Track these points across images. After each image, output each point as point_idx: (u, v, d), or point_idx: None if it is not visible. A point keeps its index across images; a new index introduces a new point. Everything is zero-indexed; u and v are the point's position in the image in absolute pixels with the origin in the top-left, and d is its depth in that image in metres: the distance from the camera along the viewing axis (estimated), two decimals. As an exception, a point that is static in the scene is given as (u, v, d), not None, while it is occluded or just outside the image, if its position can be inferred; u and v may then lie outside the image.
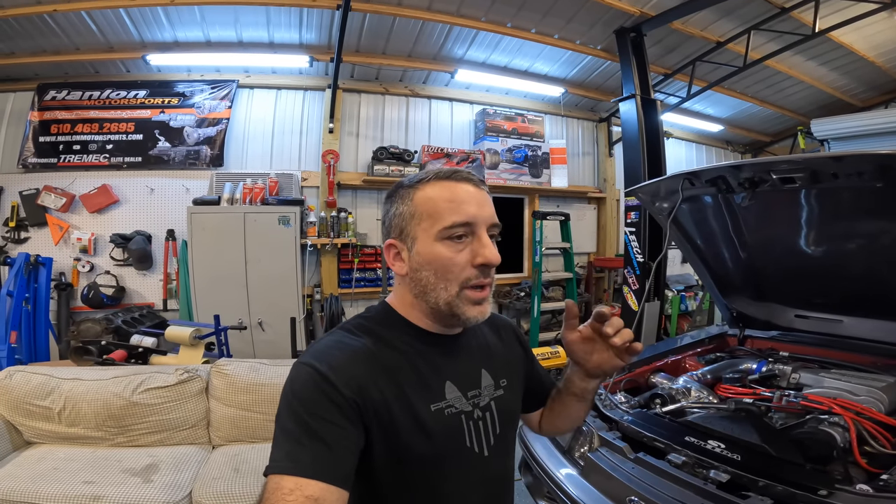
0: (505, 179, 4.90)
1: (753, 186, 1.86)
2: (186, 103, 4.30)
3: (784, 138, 6.94)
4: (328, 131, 4.49)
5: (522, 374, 0.95)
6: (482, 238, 0.72)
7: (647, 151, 4.10)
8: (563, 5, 3.87)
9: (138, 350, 3.05)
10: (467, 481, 0.77)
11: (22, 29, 3.61)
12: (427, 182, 0.75)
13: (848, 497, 1.25)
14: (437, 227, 0.72)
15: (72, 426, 2.47)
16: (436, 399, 0.74)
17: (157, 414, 2.51)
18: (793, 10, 3.75)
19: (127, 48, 4.00)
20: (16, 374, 2.55)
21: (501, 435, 0.82)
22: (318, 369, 0.66)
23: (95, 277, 4.10)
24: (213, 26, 3.91)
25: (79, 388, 2.50)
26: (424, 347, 0.77)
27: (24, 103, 4.17)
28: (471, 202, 0.72)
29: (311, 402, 0.64)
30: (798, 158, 1.73)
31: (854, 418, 1.62)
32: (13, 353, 3.48)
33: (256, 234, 3.85)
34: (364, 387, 0.67)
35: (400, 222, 0.76)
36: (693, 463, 1.55)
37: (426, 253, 0.73)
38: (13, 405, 2.48)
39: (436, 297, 0.73)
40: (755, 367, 2.28)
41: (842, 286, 2.17)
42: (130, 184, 4.20)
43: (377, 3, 3.73)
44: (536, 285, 4.73)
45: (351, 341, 0.73)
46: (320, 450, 0.61)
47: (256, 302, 3.87)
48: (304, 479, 0.58)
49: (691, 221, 2.46)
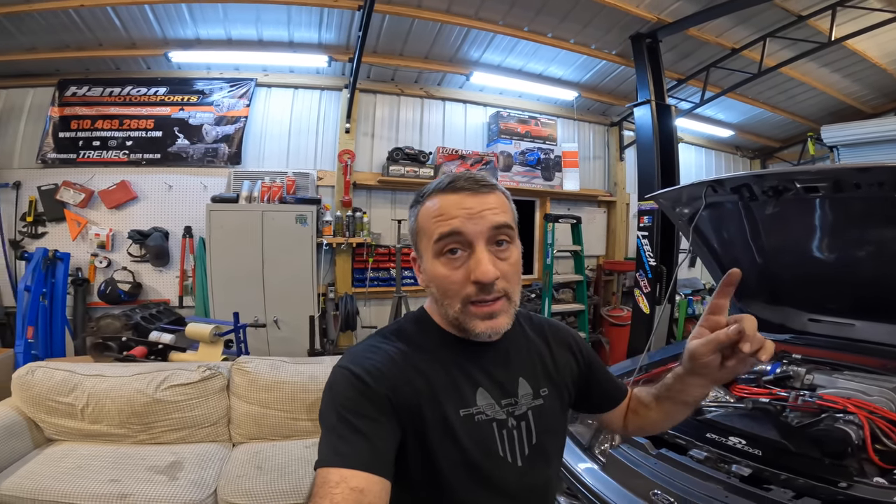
0: (518, 182, 4.93)
1: (777, 195, 1.90)
2: (205, 101, 4.34)
3: (793, 144, 6.95)
4: (345, 131, 4.53)
5: (573, 382, 0.92)
6: (477, 252, 0.70)
7: (661, 156, 4.12)
8: (580, 10, 3.90)
9: (158, 347, 3.06)
10: (498, 490, 0.76)
11: (46, 23, 3.62)
12: (429, 196, 0.75)
13: (866, 489, 1.31)
14: (430, 243, 0.72)
15: (95, 423, 2.46)
16: (466, 405, 0.74)
17: (180, 411, 2.52)
18: (809, 19, 3.78)
19: (149, 45, 4.03)
20: (37, 370, 2.55)
21: (538, 445, 0.80)
22: (353, 371, 0.69)
23: (112, 273, 4.12)
24: (235, 24, 3.94)
25: (102, 384, 2.50)
26: (458, 354, 0.77)
27: (44, 99, 4.19)
28: (459, 212, 0.70)
29: (349, 399, 0.67)
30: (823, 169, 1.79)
31: (868, 416, 1.66)
32: (30, 349, 3.47)
33: (274, 233, 3.89)
34: (397, 386, 0.69)
35: (412, 237, 0.78)
36: (715, 458, 1.59)
37: (428, 270, 0.74)
38: (35, 402, 2.47)
39: (446, 311, 0.73)
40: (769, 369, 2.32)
41: (854, 291, 2.21)
42: (149, 180, 4.24)
43: (398, 5, 3.77)
44: (548, 287, 4.77)
45: (385, 346, 0.75)
46: (361, 443, 0.63)
47: (272, 300, 3.90)
48: (348, 470, 0.60)
49: (710, 227, 2.50)
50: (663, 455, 1.65)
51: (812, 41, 3.93)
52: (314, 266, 4.02)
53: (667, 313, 4.19)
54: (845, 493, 1.29)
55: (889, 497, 1.25)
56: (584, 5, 3.81)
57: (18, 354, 3.39)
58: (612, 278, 5.89)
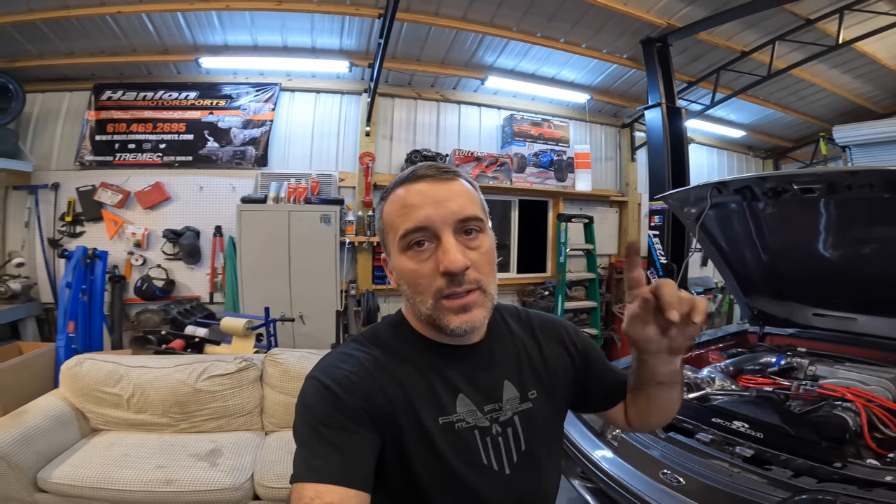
0: (531, 183, 5.06)
1: (776, 196, 2.03)
2: (233, 105, 4.52)
3: (806, 144, 6.98)
4: (365, 134, 4.70)
5: (569, 381, 0.86)
6: (444, 242, 0.67)
7: (671, 158, 4.24)
8: (592, 17, 4.02)
9: (194, 340, 3.23)
10: (484, 499, 0.72)
11: (83, 29, 3.79)
12: (393, 189, 0.72)
13: (860, 469, 1.41)
14: (396, 238, 0.69)
15: (139, 413, 2.59)
16: (445, 413, 0.71)
17: (218, 401, 2.64)
18: (817, 22, 3.86)
19: (181, 50, 4.20)
20: (85, 361, 2.66)
21: (528, 451, 0.76)
22: (324, 382, 0.66)
23: (148, 271, 4.32)
24: (262, 31, 4.11)
25: (146, 375, 2.62)
26: (436, 359, 0.73)
27: (80, 103, 4.38)
28: (423, 203, 0.68)
29: (321, 412, 0.64)
30: (817, 172, 1.91)
31: (865, 404, 1.78)
32: (70, 343, 3.60)
33: (300, 232, 4.05)
34: (370, 395, 0.67)
35: (380, 235, 0.75)
36: (720, 441, 1.70)
37: (397, 267, 0.70)
38: (83, 393, 2.58)
39: (418, 310, 0.70)
40: (774, 361, 2.45)
41: (857, 287, 2.31)
42: (181, 182, 4.43)
43: (416, 13, 3.92)
44: (561, 285, 4.90)
45: (358, 353, 0.72)
46: (335, 456, 0.61)
47: (298, 296, 4.06)
48: (322, 485, 0.59)
49: (717, 226, 2.61)
50: (671, 438, 1.77)
51: (820, 44, 4.01)
52: (337, 264, 4.18)
53: (677, 310, 4.29)
54: (840, 473, 1.39)
55: (881, 477, 1.35)
56: (595, 12, 3.93)
57: (60, 348, 3.53)
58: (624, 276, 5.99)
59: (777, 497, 1.35)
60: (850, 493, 1.28)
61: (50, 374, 3.37)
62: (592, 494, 1.99)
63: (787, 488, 1.37)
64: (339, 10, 3.83)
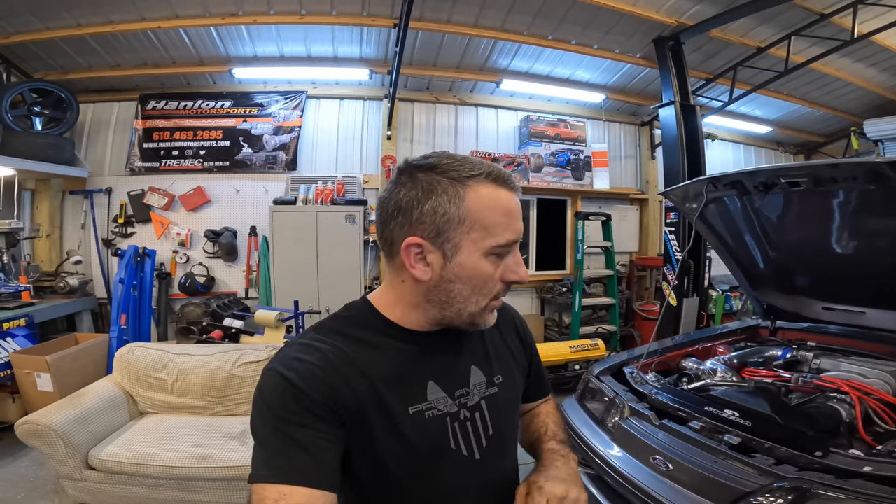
0: (548, 182, 5.17)
1: (767, 190, 2.09)
2: (264, 113, 4.83)
3: (838, 139, 6.79)
4: (386, 138, 4.93)
5: (522, 366, 0.90)
6: (516, 254, 0.70)
7: (686, 155, 4.27)
8: (601, 18, 4.10)
9: (231, 331, 3.54)
10: (457, 486, 0.73)
11: (127, 43, 4.13)
12: (480, 181, 0.66)
13: (839, 458, 1.42)
14: (489, 241, 0.66)
15: (181, 396, 2.81)
16: (415, 401, 0.70)
17: (250, 386, 2.82)
18: (832, 17, 3.82)
19: (216, 62, 4.53)
20: (136, 349, 2.92)
21: (496, 436, 0.77)
22: (285, 375, 0.63)
23: (191, 268, 4.67)
24: (287, 42, 4.38)
25: (188, 362, 2.86)
26: (406, 346, 0.72)
27: (128, 112, 4.77)
28: (519, 217, 0.69)
29: (282, 408, 0.61)
30: (802, 165, 1.95)
31: (860, 396, 1.80)
32: (122, 335, 3.85)
33: (327, 231, 4.30)
34: (335, 388, 0.64)
35: (440, 222, 0.65)
36: (710, 428, 1.73)
37: (470, 266, 0.66)
38: (134, 377, 2.83)
39: (460, 310, 0.69)
40: (780, 354, 2.46)
41: (865, 281, 2.29)
42: (219, 185, 4.77)
43: (429, 21, 4.10)
44: (578, 282, 4.99)
45: (321, 344, 0.68)
46: (299, 455, 0.59)
47: (325, 291, 4.31)
48: (286, 486, 0.57)
49: (720, 221, 2.62)
50: (665, 425, 1.82)
51: (837, 39, 3.96)
52: (361, 261, 4.42)
53: (695, 305, 4.31)
54: (821, 462, 1.41)
55: (859, 467, 1.37)
56: (604, 13, 4.01)
57: (112, 339, 3.79)
58: (645, 274, 6.01)
59: (757, 483, 1.39)
60: (827, 482, 1.32)
61: (103, 362, 3.67)
62: (592, 481, 2.07)
63: (767, 475, 1.40)
64: (356, 21, 4.06)
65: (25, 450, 2.94)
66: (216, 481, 2.33)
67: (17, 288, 3.70)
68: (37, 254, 4.55)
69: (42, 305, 3.77)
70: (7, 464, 2.87)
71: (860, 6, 3.60)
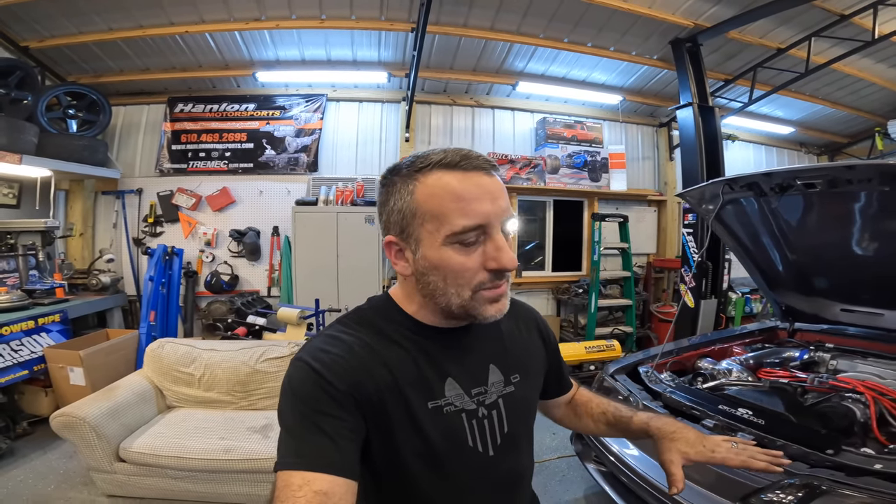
0: (565, 183, 5.19)
1: (783, 191, 2.10)
2: (286, 115, 4.96)
3: (862, 140, 6.66)
4: (404, 140, 5.01)
5: (542, 367, 0.91)
6: (496, 240, 0.66)
7: (705, 157, 4.25)
8: (617, 20, 4.11)
9: (255, 327, 3.66)
10: (471, 482, 0.74)
11: (156, 47, 4.28)
12: (429, 170, 0.66)
13: (850, 456, 1.46)
14: (443, 231, 0.65)
15: (208, 391, 2.90)
16: (434, 397, 0.71)
17: (273, 381, 2.92)
18: (852, 18, 3.78)
19: (240, 65, 4.67)
20: (166, 344, 3.01)
21: (510, 434, 0.78)
22: (313, 366, 0.65)
23: (216, 267, 4.82)
24: (308, 46, 4.49)
25: (215, 357, 2.94)
26: (426, 342, 0.73)
27: (157, 115, 4.93)
28: (483, 198, 0.65)
29: (309, 397, 0.64)
30: (818, 167, 1.97)
31: (875, 397, 1.81)
32: (151, 331, 3.97)
33: (346, 231, 4.40)
34: (359, 381, 0.66)
35: (399, 220, 0.68)
36: (723, 426, 1.77)
37: (433, 258, 0.66)
38: (163, 372, 2.92)
39: (447, 301, 0.68)
40: (798, 355, 2.45)
41: (883, 282, 2.29)
42: (244, 186, 4.91)
43: (446, 25, 4.17)
44: (594, 283, 5.00)
45: (346, 336, 0.71)
46: (324, 443, 0.61)
47: (344, 290, 4.41)
48: (310, 473, 0.59)
49: (738, 222, 2.64)
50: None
51: (858, 39, 3.91)
52: (380, 261, 4.51)
53: (713, 307, 4.30)
54: (832, 460, 1.45)
55: (870, 465, 1.40)
56: (620, 16, 4.03)
57: (142, 335, 3.90)
58: (663, 275, 5.98)
59: (768, 480, 1.42)
60: (838, 479, 1.34)
61: (132, 357, 3.79)
62: (604, 478, 2.11)
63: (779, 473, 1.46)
64: (375, 25, 4.16)
65: (56, 442, 3.02)
66: (239, 473, 2.40)
67: (51, 285, 3.84)
68: (70, 252, 4.73)
69: (75, 302, 3.89)
70: (38, 456, 2.95)
71: (881, 7, 3.56)
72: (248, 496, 2.45)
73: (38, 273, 3.93)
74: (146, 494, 2.48)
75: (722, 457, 0.82)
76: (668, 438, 0.85)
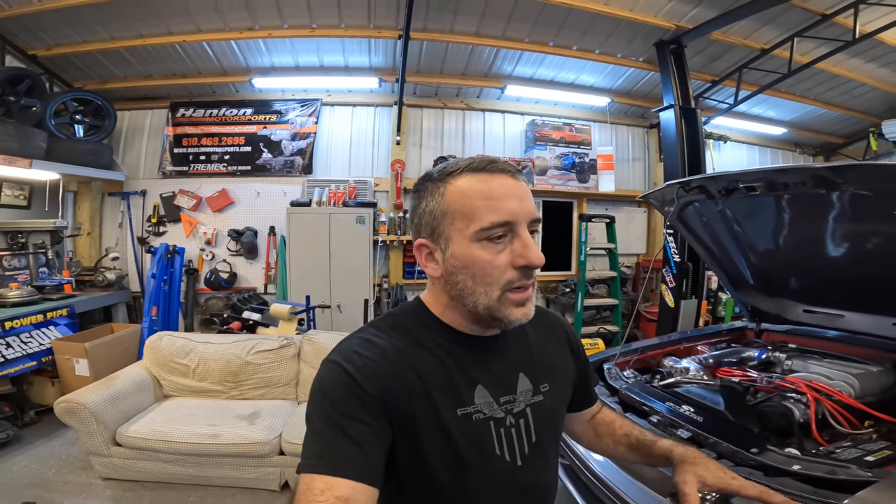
0: (553, 185, 5.28)
1: (729, 194, 2.17)
2: (282, 119, 5.13)
3: (857, 140, 6.64)
4: (395, 143, 5.15)
5: (571, 377, 0.90)
6: (523, 237, 0.68)
7: (687, 158, 4.32)
8: (600, 24, 4.17)
9: (249, 322, 3.84)
10: (497, 491, 0.73)
11: (157, 55, 4.46)
12: (458, 174, 0.70)
13: (772, 456, 1.47)
14: (472, 227, 0.67)
15: (201, 381, 3.07)
16: (464, 404, 0.71)
17: (263, 372, 3.11)
18: (833, 17, 3.81)
19: (237, 72, 4.83)
20: (164, 337, 3.23)
21: (538, 443, 0.77)
22: (345, 368, 0.66)
23: (216, 265, 5.02)
24: (301, 53, 4.64)
25: (209, 349, 3.15)
26: (457, 349, 0.73)
27: (160, 120, 5.13)
28: (510, 197, 0.67)
29: (339, 400, 0.64)
30: (756, 170, 2.01)
31: (816, 397, 1.84)
32: (152, 325, 4.14)
33: (338, 232, 4.57)
34: (389, 386, 0.66)
35: (430, 221, 0.71)
36: (666, 422, 1.82)
37: (462, 256, 0.68)
38: (160, 363, 3.10)
39: (474, 302, 0.69)
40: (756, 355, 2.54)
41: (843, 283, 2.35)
42: (242, 188, 5.09)
43: (432, 32, 4.28)
44: (581, 283, 5.10)
45: (379, 340, 0.71)
46: (350, 448, 0.61)
47: (336, 288, 4.58)
48: (334, 478, 0.58)
49: (700, 224, 2.68)
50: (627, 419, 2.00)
51: (840, 39, 3.94)
52: (371, 260, 4.67)
53: (692, 307, 4.38)
54: (755, 459, 1.47)
55: (789, 465, 1.41)
56: (602, 19, 4.09)
57: (144, 329, 4.07)
58: (652, 276, 6.03)
59: None
60: (755, 478, 1.35)
61: (135, 350, 3.96)
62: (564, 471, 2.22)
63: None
64: (364, 33, 4.29)
65: (60, 430, 3.19)
66: (226, 457, 2.57)
67: (60, 281, 4.05)
68: (78, 250, 4.96)
69: (82, 297, 4.10)
70: (42, 443, 3.12)
71: (861, 6, 3.59)
72: (235, 479, 2.62)
73: (48, 270, 4.16)
74: (139, 477, 2.67)
75: (739, 484, 0.81)
76: (689, 462, 0.85)
